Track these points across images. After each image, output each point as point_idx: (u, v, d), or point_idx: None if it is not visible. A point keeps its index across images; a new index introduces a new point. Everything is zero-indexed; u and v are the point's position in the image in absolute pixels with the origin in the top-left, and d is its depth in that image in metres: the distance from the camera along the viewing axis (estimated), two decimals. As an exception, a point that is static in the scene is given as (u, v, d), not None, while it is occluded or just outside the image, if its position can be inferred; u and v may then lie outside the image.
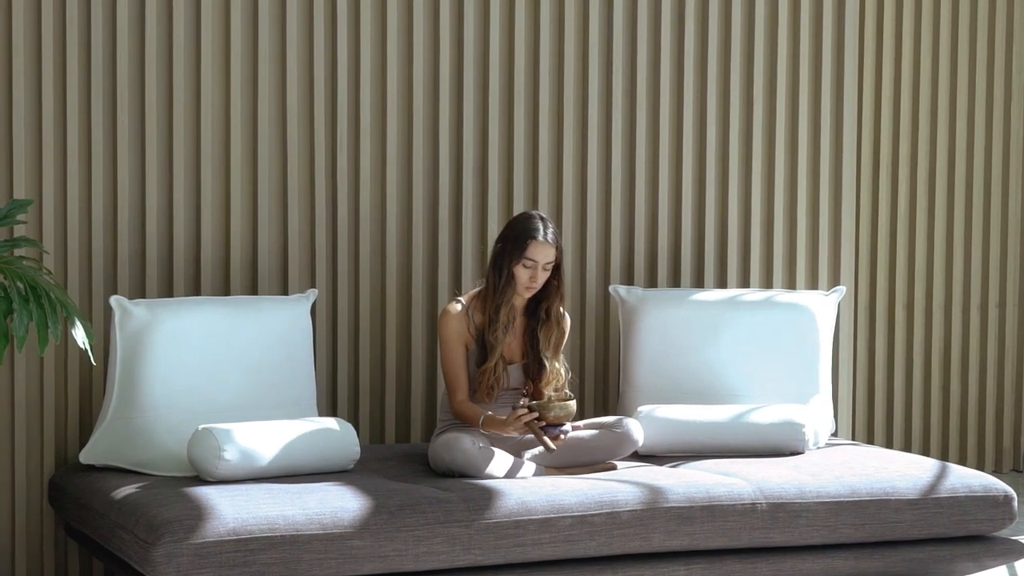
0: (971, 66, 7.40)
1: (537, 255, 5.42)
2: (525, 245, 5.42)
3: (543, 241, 5.42)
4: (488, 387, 5.42)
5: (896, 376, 7.39)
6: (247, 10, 5.72)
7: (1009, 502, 5.41)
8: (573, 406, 5.25)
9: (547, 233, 5.44)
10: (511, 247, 5.44)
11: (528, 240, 5.42)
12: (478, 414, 5.36)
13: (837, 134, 6.44)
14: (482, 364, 5.43)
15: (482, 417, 5.33)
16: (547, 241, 5.43)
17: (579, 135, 6.15)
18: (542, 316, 5.52)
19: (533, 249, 5.42)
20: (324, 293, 5.85)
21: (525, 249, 5.42)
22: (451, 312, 5.46)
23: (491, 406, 5.44)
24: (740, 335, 5.98)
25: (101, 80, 5.54)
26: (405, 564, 4.77)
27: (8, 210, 4.93)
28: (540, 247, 5.42)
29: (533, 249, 5.42)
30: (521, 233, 5.44)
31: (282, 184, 5.79)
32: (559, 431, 5.25)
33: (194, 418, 5.27)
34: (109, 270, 5.58)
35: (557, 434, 5.25)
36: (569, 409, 5.24)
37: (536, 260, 5.42)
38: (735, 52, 6.31)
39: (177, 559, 4.51)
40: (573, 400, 5.28)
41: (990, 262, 7.49)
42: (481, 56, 6.01)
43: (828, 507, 5.23)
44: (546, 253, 5.43)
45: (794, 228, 6.41)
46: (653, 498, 5.05)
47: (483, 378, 5.42)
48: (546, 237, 5.43)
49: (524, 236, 5.43)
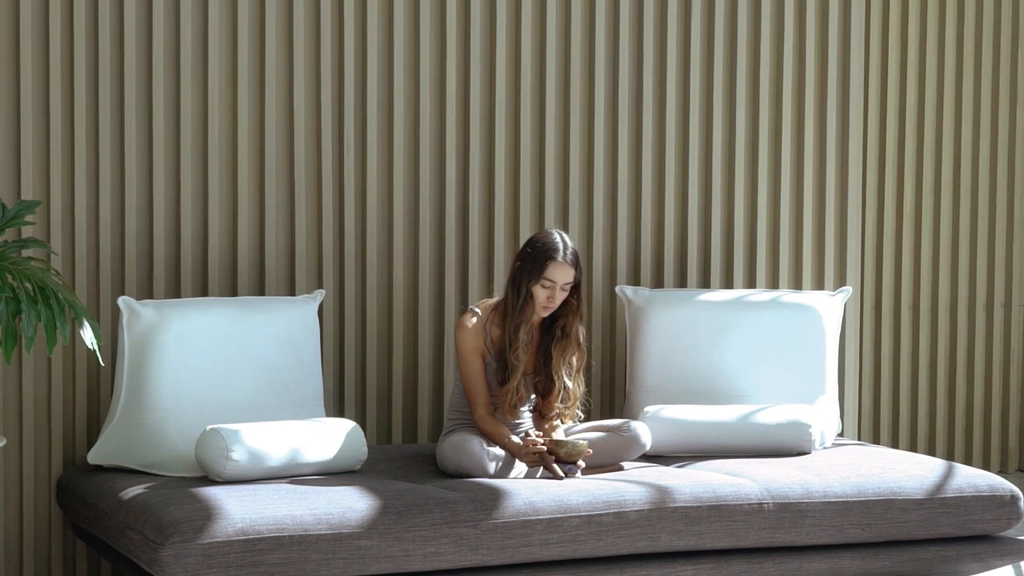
0: (976, 66, 7.40)
1: (556, 276, 5.37)
2: (544, 266, 5.37)
3: (562, 262, 5.37)
4: (511, 406, 5.42)
5: (902, 376, 7.39)
6: (254, 12, 5.73)
7: (1015, 502, 5.41)
8: (584, 446, 5.25)
9: (567, 254, 5.38)
10: (530, 266, 5.38)
11: (548, 261, 5.37)
12: (501, 435, 5.35)
13: (843, 135, 6.45)
14: (501, 380, 5.41)
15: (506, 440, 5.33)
16: (566, 262, 5.37)
17: (585, 136, 6.16)
18: (557, 334, 5.48)
19: (552, 270, 5.37)
20: (331, 294, 5.86)
21: (544, 269, 5.37)
22: (467, 325, 5.43)
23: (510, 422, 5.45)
24: (746, 336, 5.98)
25: (109, 82, 5.55)
26: (413, 564, 4.78)
27: (16, 211, 4.94)
28: (559, 268, 5.38)
29: (552, 270, 5.37)
30: (541, 253, 5.38)
31: (289, 185, 5.80)
32: (569, 468, 5.24)
33: (202, 419, 5.28)
34: (117, 271, 5.60)
35: (567, 472, 5.23)
36: (580, 448, 5.24)
37: (555, 281, 5.37)
38: (741, 53, 6.31)
39: (185, 559, 4.52)
40: (585, 442, 5.27)
41: (995, 262, 7.49)
42: (487, 58, 6.02)
43: (834, 507, 5.24)
44: (565, 274, 5.38)
45: (800, 229, 6.42)
46: (660, 498, 5.06)
47: (505, 398, 5.41)
48: (566, 258, 5.37)
49: (544, 256, 5.37)
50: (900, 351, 7.39)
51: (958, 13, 7.37)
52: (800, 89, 6.40)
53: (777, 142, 6.38)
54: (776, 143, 6.38)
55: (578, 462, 5.27)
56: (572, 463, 5.25)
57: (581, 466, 5.27)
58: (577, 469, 5.25)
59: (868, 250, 7.30)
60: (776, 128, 6.38)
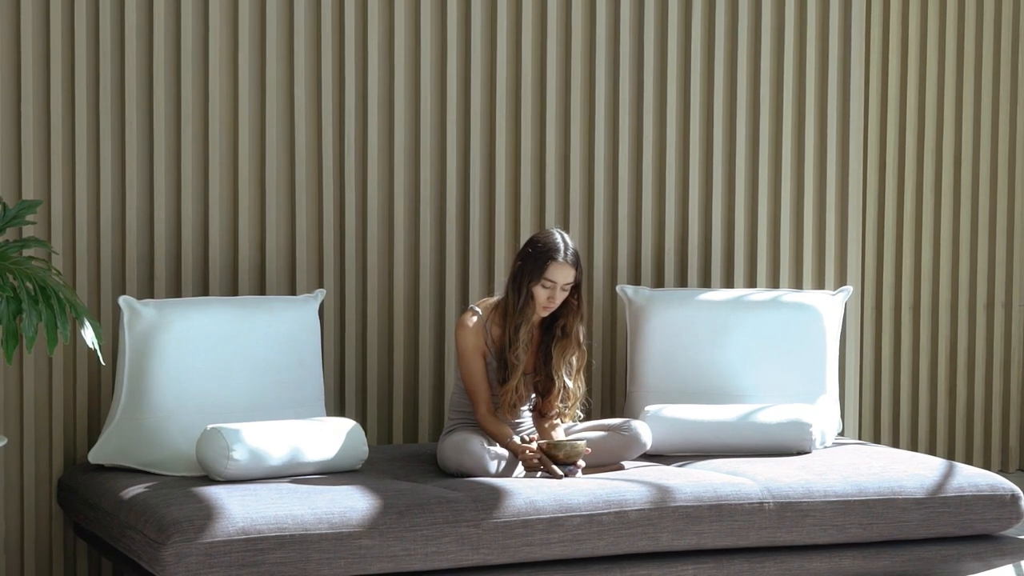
0: (977, 65, 7.41)
1: (556, 276, 5.37)
2: (545, 266, 5.37)
3: (563, 262, 5.37)
4: (511, 405, 5.42)
5: (902, 375, 7.39)
6: (255, 12, 5.73)
7: (1016, 501, 5.41)
8: (582, 446, 5.25)
9: (567, 254, 5.38)
10: (530, 267, 5.38)
11: (548, 261, 5.36)
12: (503, 435, 5.36)
13: (843, 134, 6.45)
14: (502, 379, 5.42)
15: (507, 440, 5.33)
16: (567, 262, 5.37)
17: (586, 136, 6.16)
18: (557, 333, 5.47)
19: (552, 270, 5.37)
20: (332, 293, 5.86)
21: (544, 270, 5.36)
22: (468, 325, 5.43)
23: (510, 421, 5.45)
24: (747, 335, 5.99)
25: (109, 81, 5.55)
26: (414, 563, 4.78)
27: (17, 211, 4.94)
28: (560, 268, 5.38)
29: (552, 270, 5.37)
30: (542, 253, 5.37)
31: (290, 184, 5.80)
32: (569, 470, 5.24)
33: (203, 418, 5.28)
34: (118, 270, 5.60)
35: (568, 472, 5.23)
36: (579, 449, 5.24)
37: (555, 281, 5.36)
38: (742, 53, 6.32)
39: (186, 559, 4.53)
40: (583, 442, 5.27)
41: (996, 262, 7.49)
42: (488, 57, 6.02)
43: (835, 506, 5.24)
44: (565, 274, 5.38)
45: (801, 228, 6.42)
46: (661, 497, 5.06)
47: (505, 397, 5.41)
48: (566, 258, 5.37)
49: (544, 257, 5.37)
50: (901, 350, 7.39)
51: (959, 12, 7.38)
52: (801, 89, 6.40)
53: (778, 141, 6.38)
54: (777, 142, 6.38)
55: (578, 462, 5.27)
56: (571, 464, 5.25)
57: (581, 466, 5.27)
58: (577, 470, 5.25)
59: (869, 250, 7.30)
60: (777, 127, 6.38)
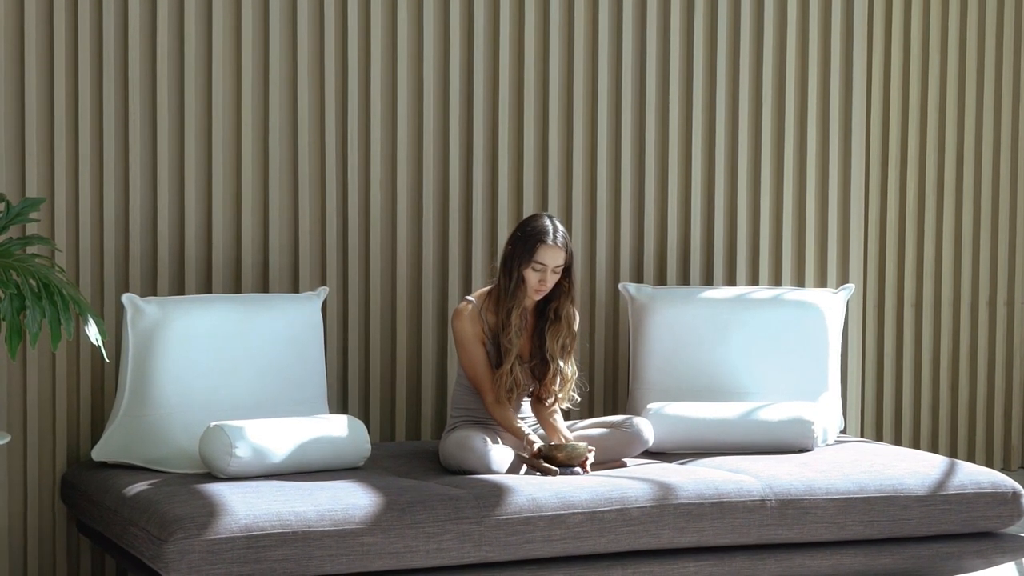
0: (979, 63, 7.41)
1: (546, 259, 5.40)
2: (534, 249, 5.40)
3: (552, 245, 5.39)
4: (507, 390, 5.43)
5: (905, 373, 7.40)
6: (258, 10, 5.73)
7: (1017, 499, 5.41)
8: (583, 449, 5.25)
9: (556, 237, 5.40)
10: (520, 250, 5.41)
11: (537, 244, 5.39)
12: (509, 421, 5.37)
13: (846, 132, 6.45)
14: (498, 365, 5.44)
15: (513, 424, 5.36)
16: (556, 245, 5.40)
17: (589, 133, 6.16)
18: (550, 316, 5.50)
19: (542, 253, 5.40)
20: (335, 291, 5.86)
21: (534, 253, 5.40)
22: (464, 313, 5.45)
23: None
24: (749, 333, 5.99)
25: (112, 79, 5.56)
26: (416, 560, 4.79)
27: (20, 208, 4.95)
28: (549, 251, 5.40)
29: (542, 253, 5.40)
30: (531, 236, 5.41)
31: (293, 182, 5.80)
32: (571, 471, 5.24)
33: (205, 415, 5.28)
34: (121, 268, 5.60)
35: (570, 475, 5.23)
36: (579, 451, 5.24)
37: (545, 264, 5.39)
38: (744, 50, 6.32)
39: (189, 555, 4.53)
40: (584, 444, 5.27)
41: (998, 259, 7.49)
42: (491, 53, 6.02)
43: (837, 504, 5.24)
44: (555, 257, 5.40)
45: (803, 226, 6.42)
46: (663, 495, 5.07)
47: (500, 381, 5.42)
48: (555, 241, 5.40)
49: (533, 240, 5.40)
50: (903, 348, 7.39)
51: (961, 10, 7.38)
52: (803, 86, 6.41)
53: (780, 139, 6.39)
54: (779, 140, 6.39)
55: (586, 464, 5.25)
56: (572, 466, 5.24)
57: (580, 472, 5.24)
58: (579, 471, 5.24)
59: (871, 247, 7.30)
60: (779, 125, 6.38)
